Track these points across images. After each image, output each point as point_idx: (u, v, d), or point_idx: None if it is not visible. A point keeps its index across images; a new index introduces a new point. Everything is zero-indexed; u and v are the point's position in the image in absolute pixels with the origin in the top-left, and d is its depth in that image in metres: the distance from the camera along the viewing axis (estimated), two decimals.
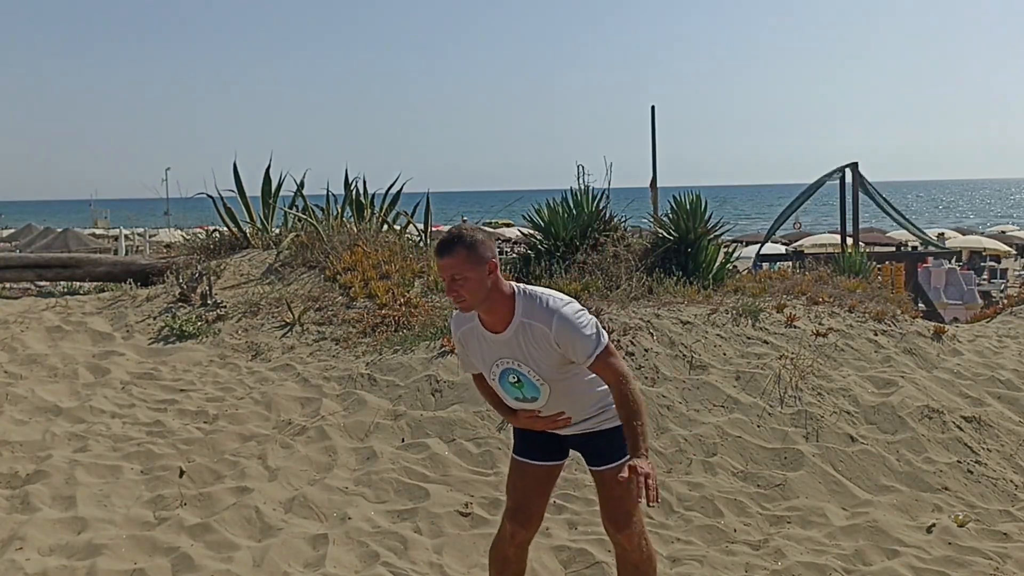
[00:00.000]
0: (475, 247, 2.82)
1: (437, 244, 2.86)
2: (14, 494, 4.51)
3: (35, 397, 5.89)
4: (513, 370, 2.95)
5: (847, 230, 16.50)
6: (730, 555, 4.16)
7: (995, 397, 6.29)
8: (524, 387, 2.98)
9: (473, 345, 3.03)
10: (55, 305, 7.95)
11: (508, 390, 3.03)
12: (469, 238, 2.83)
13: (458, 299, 2.86)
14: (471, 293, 2.83)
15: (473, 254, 2.81)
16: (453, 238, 2.84)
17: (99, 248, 27.10)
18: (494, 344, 2.95)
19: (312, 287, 8.11)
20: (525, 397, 3.01)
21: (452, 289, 2.84)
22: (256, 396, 5.89)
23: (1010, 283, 25.53)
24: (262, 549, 3.98)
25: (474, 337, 3.01)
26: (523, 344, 2.89)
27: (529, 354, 2.90)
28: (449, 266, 2.82)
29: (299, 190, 10.40)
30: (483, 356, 3.02)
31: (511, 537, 3.15)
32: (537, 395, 2.98)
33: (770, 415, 5.55)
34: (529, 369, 2.92)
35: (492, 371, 3.02)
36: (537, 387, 2.95)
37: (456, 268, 2.81)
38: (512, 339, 2.90)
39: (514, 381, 2.98)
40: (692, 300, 7.19)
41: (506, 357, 2.94)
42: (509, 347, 2.92)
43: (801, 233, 35.61)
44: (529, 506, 3.14)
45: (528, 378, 2.94)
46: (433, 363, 6.07)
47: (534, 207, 9.04)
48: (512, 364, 2.94)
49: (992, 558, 4.19)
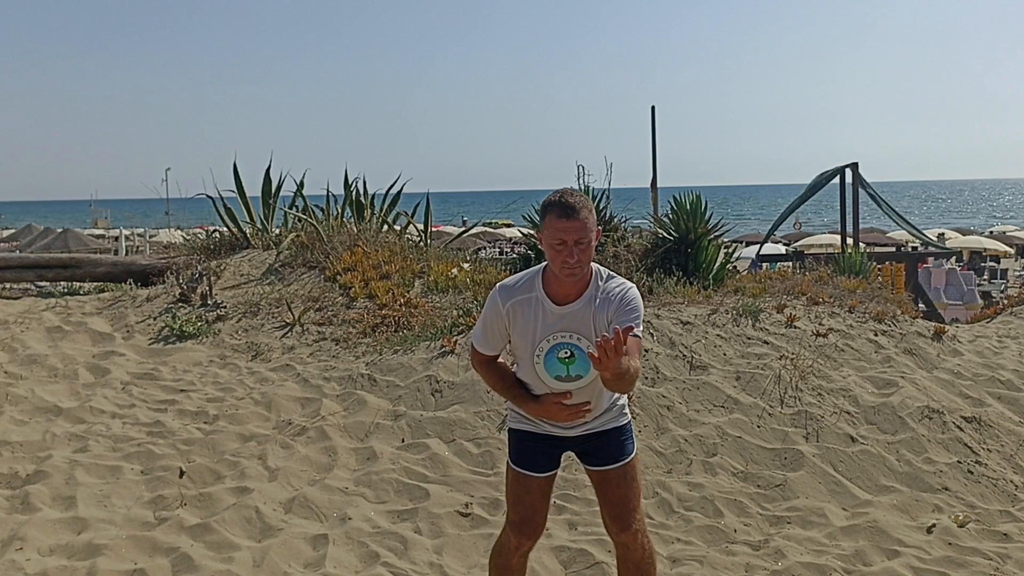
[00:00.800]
0: (594, 212, 2.81)
1: (559, 207, 2.77)
2: (14, 494, 4.51)
3: (35, 397, 5.89)
4: (567, 344, 2.90)
5: (847, 230, 16.50)
6: (730, 555, 4.16)
7: (995, 397, 6.29)
8: (575, 363, 2.92)
9: (525, 317, 2.94)
10: (55, 305, 7.95)
11: (553, 367, 2.95)
12: (590, 203, 2.80)
13: (577, 265, 2.80)
14: (586, 256, 2.80)
15: (594, 218, 2.80)
16: (580, 202, 2.77)
17: (99, 248, 27.12)
18: (555, 316, 2.90)
19: (312, 287, 8.11)
20: (570, 375, 2.94)
21: (572, 254, 2.77)
22: (256, 396, 5.89)
23: (1010, 283, 25.55)
24: (262, 549, 3.98)
25: (531, 308, 2.92)
26: (586, 317, 2.87)
27: (594, 324, 2.87)
28: (576, 229, 2.74)
29: (299, 190, 10.41)
30: (535, 329, 2.93)
31: (516, 548, 3.12)
32: (585, 373, 2.93)
33: (770, 415, 5.55)
34: (588, 343, 2.88)
35: (540, 346, 2.93)
36: (589, 362, 2.88)
37: (583, 232, 2.75)
38: (581, 311, 2.88)
39: (566, 356, 2.92)
40: (692, 300, 7.19)
41: (564, 331, 2.90)
42: (574, 320, 2.88)
43: (801, 233, 35.63)
44: (535, 518, 3.11)
45: (584, 352, 2.89)
46: (433, 363, 6.07)
47: (534, 207, 9.04)
48: (568, 338, 2.90)
49: (992, 558, 4.18)
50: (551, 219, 2.78)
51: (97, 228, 42.40)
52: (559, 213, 2.77)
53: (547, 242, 2.81)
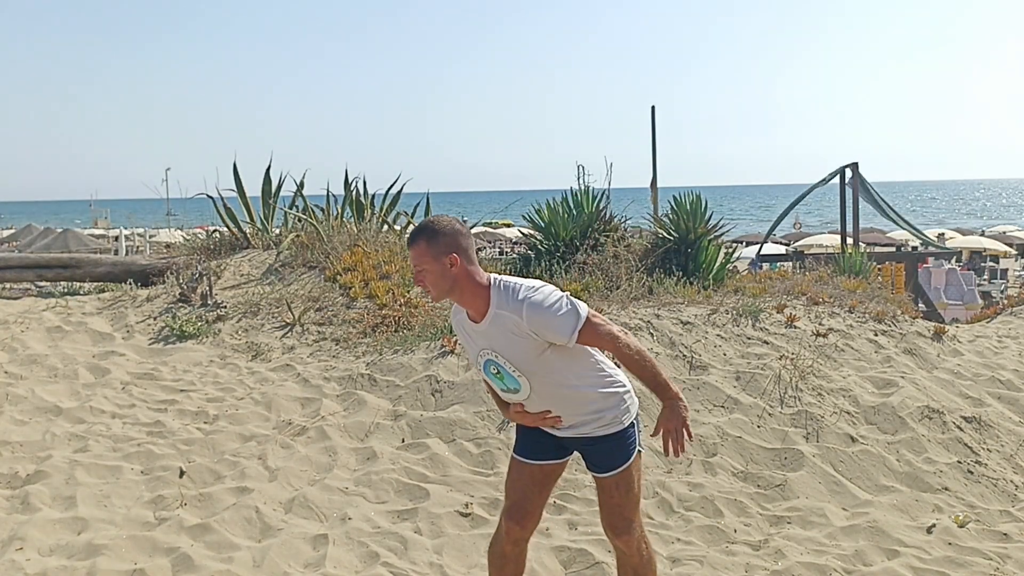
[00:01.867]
0: (435, 239, 2.86)
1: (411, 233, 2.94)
2: (14, 494, 4.51)
3: (35, 397, 5.89)
4: (493, 361, 2.97)
5: (847, 230, 16.50)
6: (730, 555, 4.16)
7: (995, 397, 6.29)
8: (504, 378, 2.98)
9: (462, 334, 3.08)
10: (55, 305, 7.95)
11: (492, 381, 3.06)
12: (431, 230, 2.88)
13: (424, 288, 2.93)
14: (433, 284, 2.89)
15: (433, 246, 2.86)
16: (418, 229, 2.90)
17: (99, 248, 27.13)
18: (475, 334, 2.99)
19: (312, 287, 8.11)
20: (507, 388, 3.02)
21: (418, 279, 2.92)
22: (256, 396, 5.89)
23: (1010, 283, 25.54)
24: (262, 549, 3.98)
25: (462, 326, 3.05)
26: (498, 334, 2.91)
27: (505, 344, 2.90)
28: (413, 257, 2.90)
29: (299, 190, 10.40)
30: (470, 346, 3.06)
31: (507, 534, 3.16)
32: (517, 387, 2.98)
33: (770, 415, 5.55)
34: (506, 360, 2.92)
35: (477, 361, 3.04)
36: (515, 378, 2.95)
37: (417, 259, 2.88)
38: (489, 329, 2.92)
39: (495, 372, 2.99)
40: (692, 300, 7.19)
41: (486, 348, 2.96)
42: (487, 337, 2.94)
43: (801, 233, 35.63)
44: (526, 504, 3.14)
45: (506, 370, 2.95)
46: (433, 363, 6.07)
47: (534, 207, 9.04)
48: (492, 355, 2.96)
49: (992, 558, 4.18)
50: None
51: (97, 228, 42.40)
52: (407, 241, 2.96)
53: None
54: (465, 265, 2.87)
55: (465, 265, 2.87)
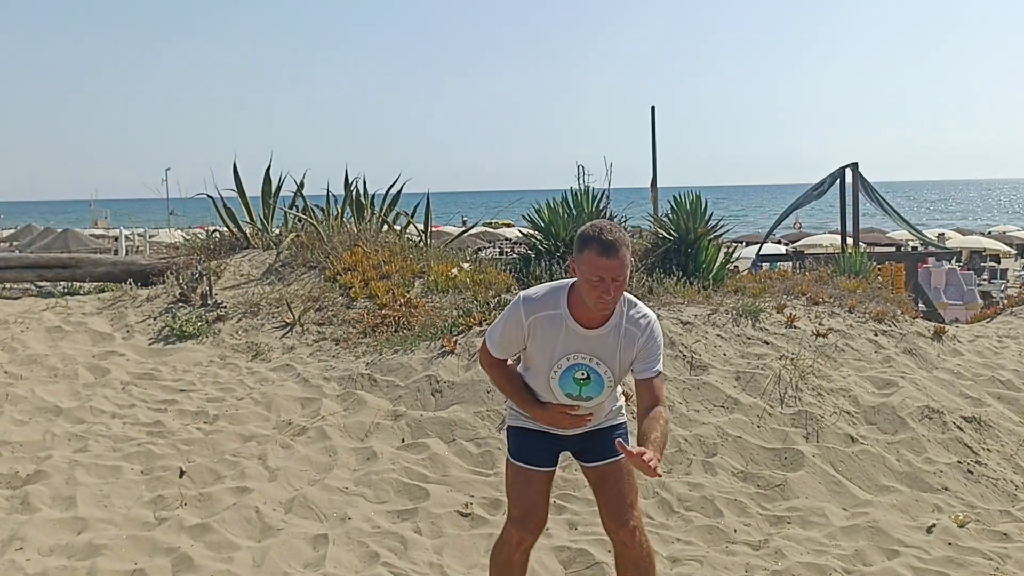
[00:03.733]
0: (630, 247, 2.80)
1: (599, 244, 2.73)
2: (14, 494, 4.51)
3: (35, 397, 5.89)
4: (586, 366, 2.93)
5: (847, 230, 16.51)
6: (730, 555, 4.16)
7: (995, 397, 6.29)
8: (589, 385, 2.96)
9: (546, 333, 2.93)
10: (55, 305, 7.95)
11: (567, 385, 2.98)
12: (627, 239, 2.79)
13: (612, 303, 2.80)
14: (621, 294, 2.82)
15: (630, 254, 2.79)
16: (620, 239, 2.74)
17: (99, 248, 27.13)
18: (579, 339, 2.91)
19: (312, 287, 8.11)
20: (582, 395, 2.98)
21: (610, 291, 2.75)
22: (256, 396, 5.89)
23: (1010, 283, 25.54)
24: (262, 549, 3.98)
25: (553, 326, 2.92)
26: (611, 344, 2.90)
27: (611, 355, 2.92)
28: (615, 267, 2.72)
29: (299, 190, 10.40)
30: (555, 347, 2.94)
31: (518, 544, 3.12)
32: (596, 395, 2.98)
33: (770, 415, 5.55)
34: (607, 369, 2.93)
35: (559, 363, 2.95)
36: (604, 386, 2.96)
37: (620, 270, 2.73)
38: (605, 337, 2.90)
39: (581, 377, 2.94)
40: (692, 300, 7.19)
41: (586, 353, 2.92)
42: (597, 344, 2.91)
43: (801, 233, 35.63)
44: (537, 512, 3.12)
45: (601, 377, 2.94)
46: (433, 363, 6.07)
47: (534, 207, 9.04)
48: (588, 361, 2.93)
49: (992, 558, 4.18)
50: (590, 255, 2.74)
51: (97, 228, 42.39)
52: (599, 250, 2.73)
53: (583, 276, 2.78)
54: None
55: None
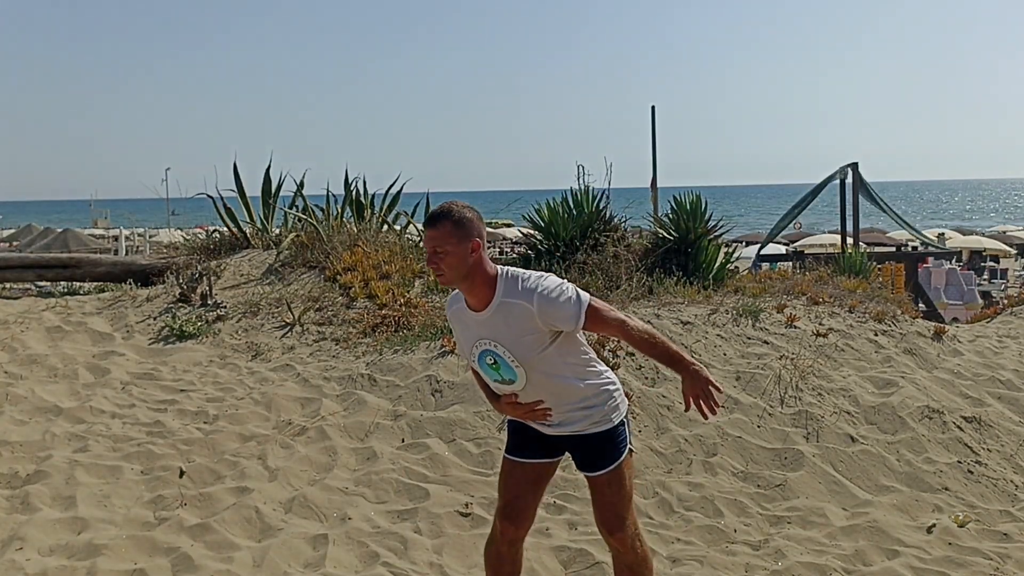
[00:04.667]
0: (462, 223, 2.87)
1: (429, 217, 2.91)
2: (14, 494, 4.51)
3: (35, 397, 5.88)
4: (490, 351, 2.96)
5: (847, 230, 16.51)
6: (730, 555, 4.16)
7: (995, 397, 6.29)
8: (501, 368, 2.98)
9: (458, 325, 3.07)
10: (55, 305, 7.95)
11: (487, 372, 3.04)
12: (458, 214, 2.88)
13: (437, 271, 2.90)
14: (450, 268, 2.87)
15: (459, 229, 2.86)
16: (442, 211, 2.88)
17: (99, 248, 27.12)
18: (474, 324, 2.98)
19: (312, 287, 8.11)
20: (503, 379, 3.01)
21: (432, 261, 2.88)
22: (256, 396, 5.89)
23: (1010, 283, 25.53)
24: (262, 549, 3.98)
25: (460, 318, 3.04)
26: (502, 324, 2.91)
27: (508, 334, 2.91)
28: (433, 238, 2.86)
29: (299, 190, 10.40)
30: (467, 337, 3.04)
31: (502, 535, 3.16)
32: (514, 377, 2.98)
33: (770, 415, 5.55)
34: (505, 350, 2.93)
35: (472, 352, 3.03)
36: (513, 369, 2.96)
37: (439, 241, 2.85)
38: (491, 318, 2.92)
39: (491, 363, 2.99)
40: (692, 300, 7.19)
41: (485, 338, 2.96)
42: (488, 327, 2.94)
43: (801, 233, 35.62)
44: (519, 503, 3.14)
45: (504, 360, 2.95)
46: (433, 363, 6.07)
47: (534, 207, 9.04)
48: (490, 345, 2.96)
49: (992, 558, 4.18)
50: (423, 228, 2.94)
51: (97, 228, 42.36)
52: (425, 221, 2.93)
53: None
54: (482, 252, 2.90)
55: (482, 252, 2.90)
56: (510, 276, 2.93)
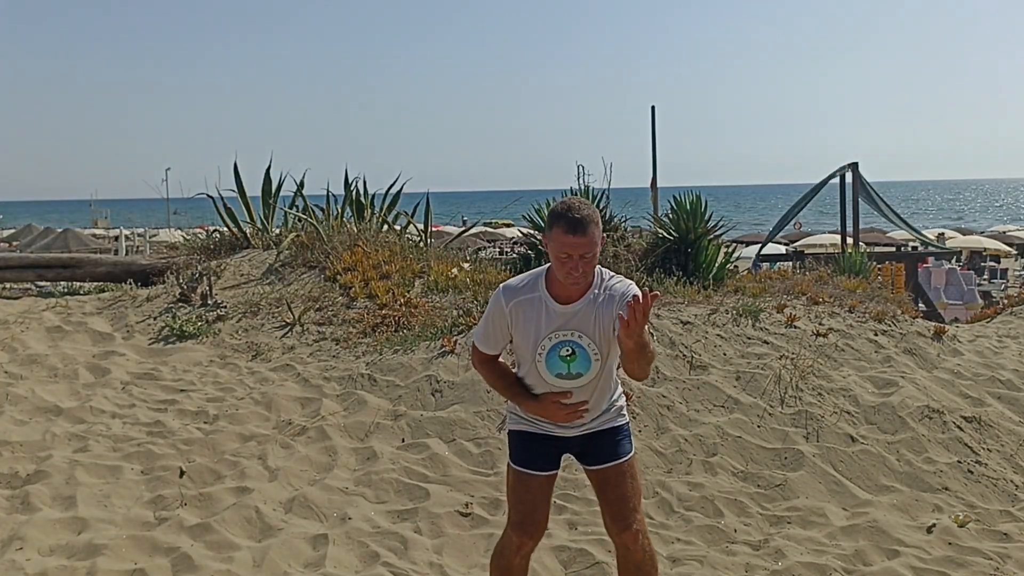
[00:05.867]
0: (600, 223, 2.85)
1: (566, 221, 2.78)
2: (14, 494, 4.51)
3: (35, 397, 5.89)
4: (570, 342, 2.95)
5: (847, 230, 16.51)
6: (730, 555, 4.16)
7: (995, 397, 6.28)
8: (576, 360, 2.96)
9: (528, 316, 2.97)
10: (55, 305, 7.95)
11: (554, 365, 2.98)
12: (597, 215, 2.84)
13: (581, 277, 2.85)
14: (591, 268, 2.86)
15: (600, 231, 2.84)
16: (586, 217, 2.79)
17: (99, 248, 27.11)
18: (559, 315, 2.94)
19: (312, 287, 8.11)
20: (571, 373, 2.98)
21: (577, 267, 2.81)
22: (256, 396, 5.89)
23: (1010, 283, 25.54)
24: (262, 549, 3.98)
25: (533, 308, 2.96)
26: (590, 315, 2.92)
27: (596, 324, 2.93)
28: (582, 244, 2.78)
29: (299, 190, 10.40)
30: (538, 328, 2.96)
31: (518, 548, 3.12)
32: (586, 371, 2.98)
33: (770, 415, 5.55)
34: (590, 341, 2.94)
35: (543, 344, 2.97)
36: (590, 360, 2.96)
37: (589, 246, 2.80)
38: (584, 309, 2.93)
39: (567, 354, 2.96)
40: (692, 300, 7.19)
41: (567, 329, 2.94)
42: (577, 318, 2.93)
43: (801, 233, 35.62)
44: (537, 516, 3.12)
45: (586, 351, 2.95)
46: (433, 363, 6.07)
47: (534, 207, 9.05)
48: (571, 336, 2.94)
49: (992, 558, 4.18)
50: (558, 232, 2.80)
51: (97, 228, 42.35)
52: (566, 228, 2.79)
53: (553, 252, 2.85)
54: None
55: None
56: (605, 274, 2.99)
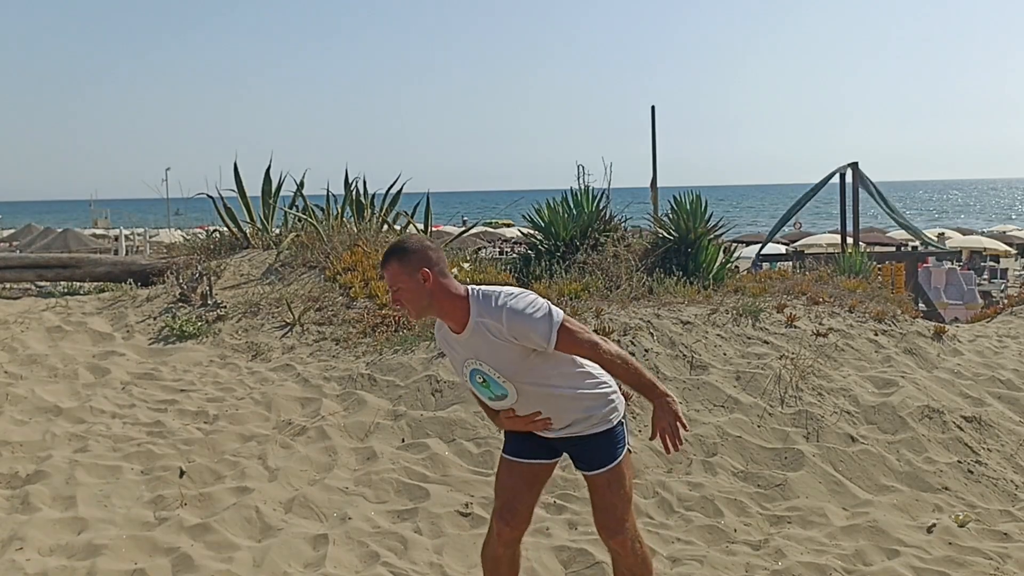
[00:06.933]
0: (406, 257, 2.88)
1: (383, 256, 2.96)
2: (14, 494, 4.51)
3: (35, 397, 5.88)
4: (478, 370, 2.98)
5: (847, 230, 16.51)
6: (730, 555, 4.16)
7: (995, 397, 6.29)
8: (490, 386, 2.99)
9: (447, 344, 3.08)
10: (55, 305, 7.95)
11: (479, 390, 3.06)
12: (401, 249, 2.91)
13: (400, 308, 2.95)
14: (409, 302, 2.90)
15: (404, 264, 2.87)
16: (387, 251, 2.92)
17: (99, 248, 27.11)
18: (458, 346, 2.99)
19: (312, 287, 8.11)
20: (495, 396, 3.02)
21: (395, 300, 2.93)
22: (256, 396, 5.89)
23: (1010, 283, 25.53)
24: (262, 549, 3.98)
25: (446, 338, 3.05)
26: (481, 343, 2.92)
27: (489, 352, 2.92)
28: (388, 278, 2.92)
29: (299, 190, 10.40)
30: (454, 358, 3.06)
31: (498, 536, 3.15)
32: (504, 393, 2.99)
33: (770, 415, 5.55)
34: (490, 368, 2.94)
35: (463, 372, 3.05)
36: (502, 386, 2.97)
37: (391, 280, 2.90)
38: (471, 339, 2.93)
39: (480, 381, 3.01)
40: (692, 300, 7.19)
41: (471, 357, 2.97)
42: (470, 347, 2.95)
43: (801, 233, 35.62)
44: (516, 504, 3.14)
45: (491, 377, 2.96)
46: (433, 363, 6.07)
47: (534, 207, 9.05)
48: (477, 364, 2.97)
49: (992, 558, 4.19)
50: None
51: (97, 228, 42.33)
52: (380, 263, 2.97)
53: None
54: (438, 279, 2.88)
55: (438, 279, 2.88)
56: (482, 296, 2.92)
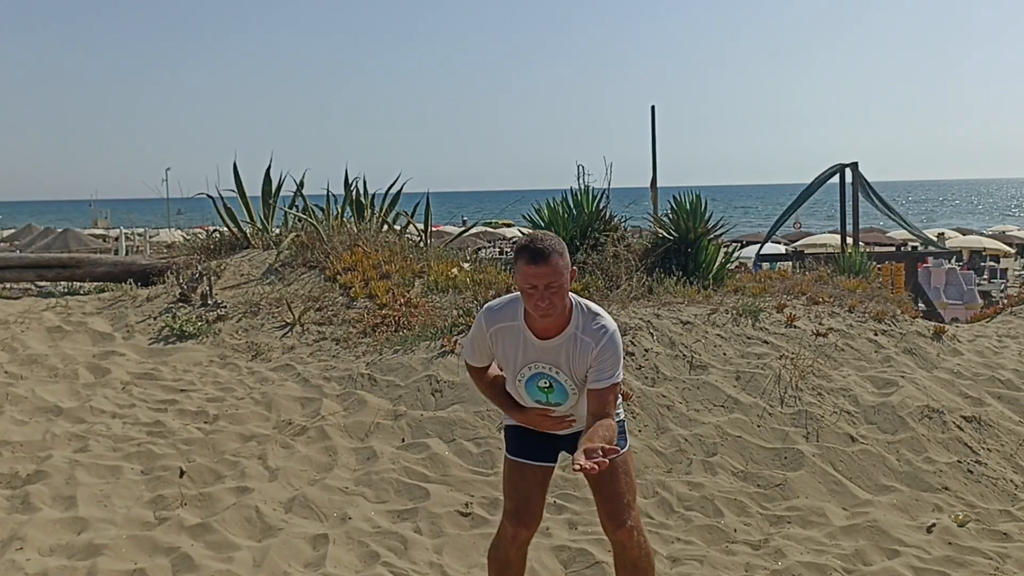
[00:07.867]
0: (564, 252, 2.84)
1: (528, 252, 2.79)
2: (14, 494, 4.51)
3: (35, 397, 5.89)
4: (547, 375, 2.98)
5: (847, 230, 16.51)
6: (730, 555, 4.16)
7: (995, 397, 6.29)
8: (553, 393, 3.01)
9: (507, 343, 3.01)
10: (55, 305, 7.95)
11: (533, 393, 3.05)
12: (560, 246, 2.83)
13: (549, 308, 2.82)
14: (561, 300, 2.84)
15: (565, 261, 2.82)
16: (550, 246, 2.80)
17: (99, 248, 27.10)
18: (535, 348, 2.96)
19: (312, 287, 8.11)
20: (549, 402, 3.04)
21: (544, 297, 2.80)
22: (256, 396, 5.89)
23: (1010, 283, 25.53)
24: (262, 549, 3.98)
25: (512, 336, 2.99)
26: (569, 354, 2.92)
27: (571, 364, 2.94)
28: (546, 274, 2.78)
29: (299, 190, 10.40)
30: (517, 356, 3.01)
31: (513, 539, 3.14)
32: (563, 402, 3.03)
33: (770, 415, 5.55)
34: (567, 378, 2.96)
35: (521, 372, 3.01)
36: (567, 394, 3.00)
37: (553, 276, 2.78)
38: (559, 347, 2.93)
39: (544, 386, 3.00)
40: (692, 300, 7.19)
41: (545, 362, 2.96)
42: (553, 354, 2.94)
43: (801, 233, 35.61)
44: (531, 506, 3.15)
45: (563, 386, 2.98)
46: (433, 363, 6.07)
47: (534, 207, 9.04)
48: (548, 370, 2.97)
49: (992, 558, 4.19)
50: (522, 264, 2.81)
51: (97, 228, 42.32)
52: (528, 259, 2.80)
53: (520, 286, 2.86)
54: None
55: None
56: (586, 310, 2.93)
